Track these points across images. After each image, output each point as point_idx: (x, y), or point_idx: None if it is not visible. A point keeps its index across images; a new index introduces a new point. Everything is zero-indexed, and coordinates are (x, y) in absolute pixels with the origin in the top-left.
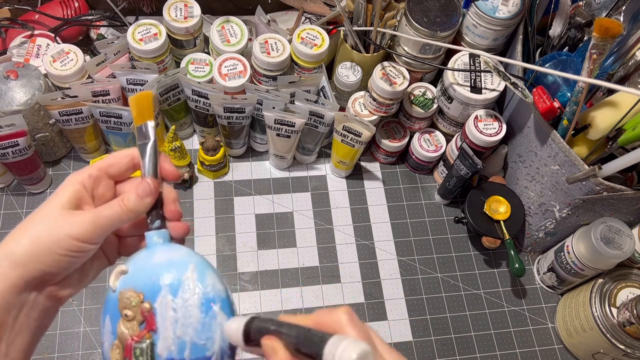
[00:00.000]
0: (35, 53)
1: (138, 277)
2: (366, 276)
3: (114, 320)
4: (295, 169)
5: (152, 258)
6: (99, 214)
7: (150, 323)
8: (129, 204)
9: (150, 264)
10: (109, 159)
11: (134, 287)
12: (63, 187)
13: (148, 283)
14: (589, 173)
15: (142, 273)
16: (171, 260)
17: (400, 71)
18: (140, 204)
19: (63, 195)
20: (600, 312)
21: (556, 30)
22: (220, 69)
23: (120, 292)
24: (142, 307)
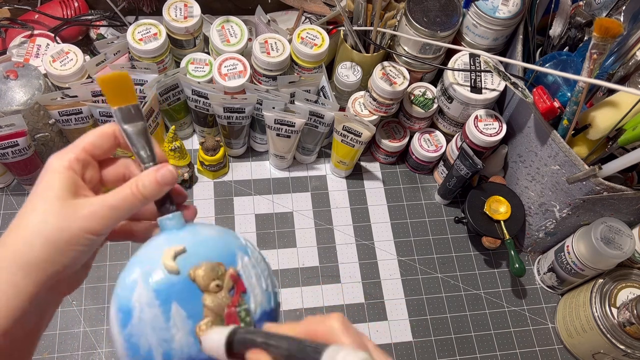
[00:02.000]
0: (35, 53)
1: (201, 252)
2: (366, 276)
3: (187, 303)
4: (295, 169)
5: (200, 233)
6: (111, 204)
7: (240, 286)
8: (144, 190)
9: (204, 238)
10: (91, 139)
11: (205, 260)
12: (52, 174)
13: (219, 253)
14: (589, 173)
15: (204, 247)
16: (221, 230)
17: (400, 71)
18: (158, 192)
19: (58, 185)
20: (600, 312)
21: (556, 30)
22: (220, 68)
23: (192, 269)
24: (231, 273)
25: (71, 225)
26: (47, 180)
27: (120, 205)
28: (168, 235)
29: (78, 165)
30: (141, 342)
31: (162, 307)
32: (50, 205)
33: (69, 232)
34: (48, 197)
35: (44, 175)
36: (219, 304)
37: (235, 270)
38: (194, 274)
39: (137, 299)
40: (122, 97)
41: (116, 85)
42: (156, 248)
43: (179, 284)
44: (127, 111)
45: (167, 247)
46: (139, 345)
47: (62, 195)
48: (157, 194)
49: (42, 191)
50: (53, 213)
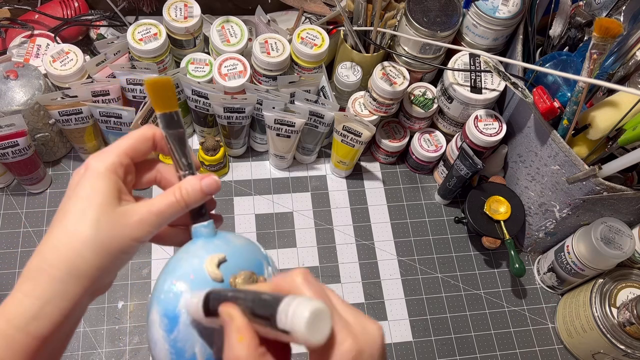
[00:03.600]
0: (35, 53)
1: (237, 260)
2: (366, 276)
3: None
4: (295, 169)
5: (232, 242)
6: (157, 210)
7: None
8: (188, 198)
9: (237, 247)
10: (131, 143)
11: (242, 268)
12: (98, 178)
13: (250, 262)
14: (589, 173)
15: (238, 255)
16: (247, 239)
17: (400, 71)
18: (201, 200)
19: (105, 191)
20: (600, 312)
21: (556, 30)
22: (220, 68)
23: (232, 277)
24: (260, 281)
25: (121, 233)
26: (92, 184)
27: (166, 212)
28: (205, 243)
29: (121, 169)
30: (187, 347)
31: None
32: (100, 212)
33: (119, 241)
34: (96, 203)
35: (88, 178)
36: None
37: (264, 278)
38: (234, 282)
39: (183, 305)
40: (166, 102)
41: (162, 91)
42: (196, 256)
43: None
44: (170, 117)
45: (207, 255)
46: (184, 349)
47: (110, 202)
48: (200, 202)
49: (88, 196)
50: (104, 221)
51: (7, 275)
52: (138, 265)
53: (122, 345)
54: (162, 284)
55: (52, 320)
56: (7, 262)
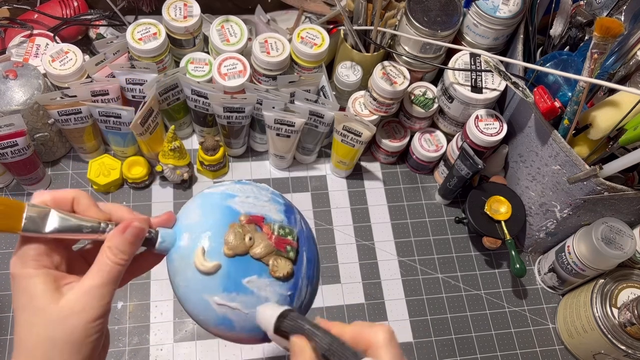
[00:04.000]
0: (34, 52)
1: (211, 233)
2: (366, 277)
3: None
4: (295, 169)
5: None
6: (98, 283)
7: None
8: (124, 255)
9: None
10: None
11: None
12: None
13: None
14: (590, 173)
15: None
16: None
17: (401, 71)
18: (135, 248)
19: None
20: (601, 313)
21: (557, 29)
22: (219, 68)
23: (224, 250)
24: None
25: (75, 323)
26: (24, 290)
27: (109, 279)
28: (177, 252)
29: (45, 257)
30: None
31: (241, 292)
32: (44, 316)
33: (77, 331)
34: (36, 308)
35: (18, 286)
36: (264, 245)
37: (243, 214)
38: (229, 250)
39: (220, 309)
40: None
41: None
42: (186, 270)
43: (230, 268)
44: (31, 221)
45: (189, 260)
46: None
47: (49, 300)
48: (135, 250)
49: (26, 303)
50: (51, 322)
51: (7, 275)
52: None
53: (121, 346)
54: (190, 307)
55: None
56: (7, 262)
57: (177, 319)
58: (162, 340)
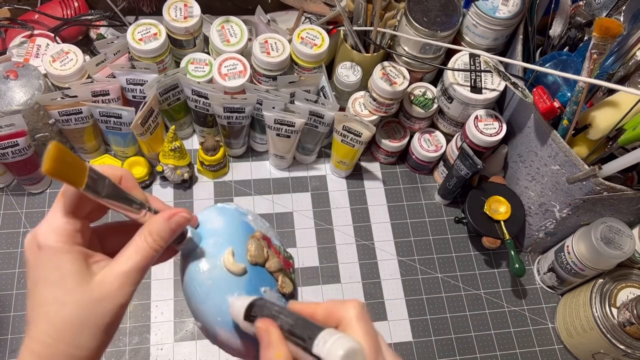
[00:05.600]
0: (35, 53)
1: (235, 242)
2: (366, 276)
3: (264, 280)
4: (295, 169)
5: (217, 230)
6: (134, 267)
7: (267, 238)
8: (162, 242)
9: (224, 230)
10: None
11: (243, 244)
12: (57, 258)
13: (242, 232)
14: (589, 173)
15: (231, 236)
16: (220, 211)
17: (400, 71)
18: (172, 237)
19: (74, 270)
20: (600, 313)
21: (556, 30)
22: (220, 68)
23: (248, 257)
24: (261, 236)
25: (107, 307)
26: (55, 266)
27: (144, 264)
28: (202, 251)
29: (78, 236)
30: None
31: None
32: (77, 296)
33: (108, 315)
34: (69, 286)
35: (48, 258)
36: (277, 262)
37: (259, 231)
38: (252, 258)
39: (237, 314)
40: (75, 171)
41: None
42: (211, 269)
43: (252, 274)
44: (92, 182)
45: (215, 260)
46: None
47: (82, 280)
48: (171, 240)
49: (57, 281)
50: (85, 303)
51: (7, 275)
52: None
53: (122, 345)
54: (207, 315)
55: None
56: (7, 262)
57: (178, 319)
58: (162, 340)
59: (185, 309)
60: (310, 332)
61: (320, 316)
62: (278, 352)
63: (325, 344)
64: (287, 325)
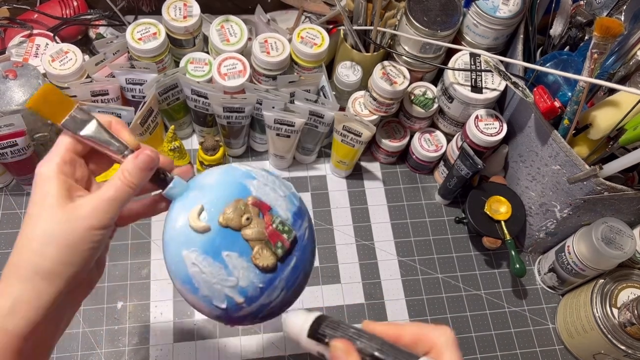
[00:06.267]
0: (34, 52)
1: (217, 199)
2: (366, 277)
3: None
4: (295, 169)
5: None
6: (107, 197)
7: (264, 206)
8: (132, 179)
9: (211, 186)
10: (70, 140)
11: (225, 205)
12: (45, 181)
13: (232, 191)
14: (590, 173)
15: (215, 194)
16: (221, 170)
17: (401, 71)
18: (145, 177)
19: (54, 191)
20: (601, 313)
21: (557, 29)
22: (219, 68)
23: (220, 218)
24: (251, 202)
25: (76, 226)
26: (41, 188)
27: (117, 196)
28: (180, 202)
29: (67, 167)
30: (216, 296)
31: (216, 261)
32: (51, 212)
33: (76, 233)
34: (47, 204)
35: (37, 183)
36: (258, 231)
37: (253, 196)
38: (224, 220)
39: (191, 268)
40: (59, 108)
41: (47, 102)
42: (178, 220)
43: (217, 236)
44: (73, 119)
45: (186, 213)
46: (215, 299)
47: (60, 201)
48: (144, 179)
49: (40, 200)
50: (57, 220)
51: None
52: (137, 265)
53: (121, 346)
54: (167, 256)
55: (27, 318)
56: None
57: (177, 319)
58: (162, 340)
59: (185, 309)
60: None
61: (407, 341)
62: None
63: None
64: (370, 349)
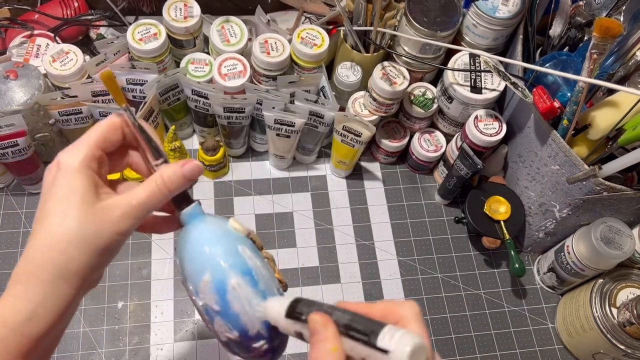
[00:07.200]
0: (35, 53)
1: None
2: (366, 276)
3: (255, 253)
4: (295, 169)
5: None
6: (139, 202)
7: None
8: (171, 185)
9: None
10: (101, 133)
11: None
12: (72, 175)
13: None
14: (589, 173)
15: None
16: None
17: (400, 71)
18: (183, 185)
19: (82, 188)
20: (600, 313)
21: (556, 30)
22: (220, 68)
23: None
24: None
25: (105, 230)
26: (68, 182)
27: (148, 203)
28: (211, 217)
29: (95, 163)
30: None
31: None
32: (81, 211)
33: (104, 237)
34: (76, 202)
35: (63, 176)
36: (270, 255)
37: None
38: (252, 235)
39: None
40: (117, 93)
41: (115, 83)
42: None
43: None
44: (128, 109)
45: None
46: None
47: (89, 199)
48: (182, 188)
49: (67, 196)
50: (87, 220)
51: (7, 275)
52: (138, 265)
53: (122, 346)
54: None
55: (46, 321)
56: (7, 262)
57: (178, 319)
58: (162, 340)
59: (185, 308)
60: (372, 326)
61: (376, 314)
62: (334, 346)
63: (392, 338)
64: (343, 319)
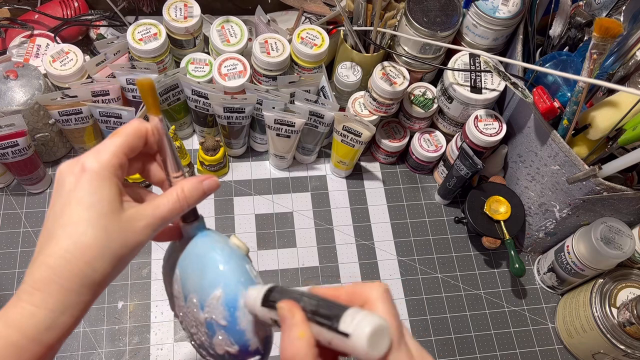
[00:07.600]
0: (35, 53)
1: None
2: (366, 276)
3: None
4: (295, 169)
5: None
6: (160, 215)
7: None
8: (191, 199)
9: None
10: (127, 140)
11: None
12: (99, 182)
13: None
14: (589, 173)
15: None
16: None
17: (400, 71)
18: (200, 200)
19: (109, 197)
20: (600, 313)
21: (556, 30)
22: (220, 68)
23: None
24: None
25: (130, 240)
26: (95, 190)
27: (169, 215)
28: (214, 233)
29: (120, 171)
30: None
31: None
32: (108, 221)
33: (127, 247)
34: (103, 211)
35: (89, 181)
36: None
37: None
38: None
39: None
40: (156, 105)
41: (154, 92)
42: (226, 241)
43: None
44: (163, 120)
45: (226, 240)
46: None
47: (115, 209)
48: (198, 202)
49: (93, 203)
50: (114, 231)
51: (7, 275)
52: (138, 265)
53: (122, 346)
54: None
55: (64, 328)
56: (7, 262)
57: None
58: (162, 340)
59: None
60: (336, 311)
61: (344, 297)
62: (301, 332)
63: (353, 321)
64: (310, 306)
